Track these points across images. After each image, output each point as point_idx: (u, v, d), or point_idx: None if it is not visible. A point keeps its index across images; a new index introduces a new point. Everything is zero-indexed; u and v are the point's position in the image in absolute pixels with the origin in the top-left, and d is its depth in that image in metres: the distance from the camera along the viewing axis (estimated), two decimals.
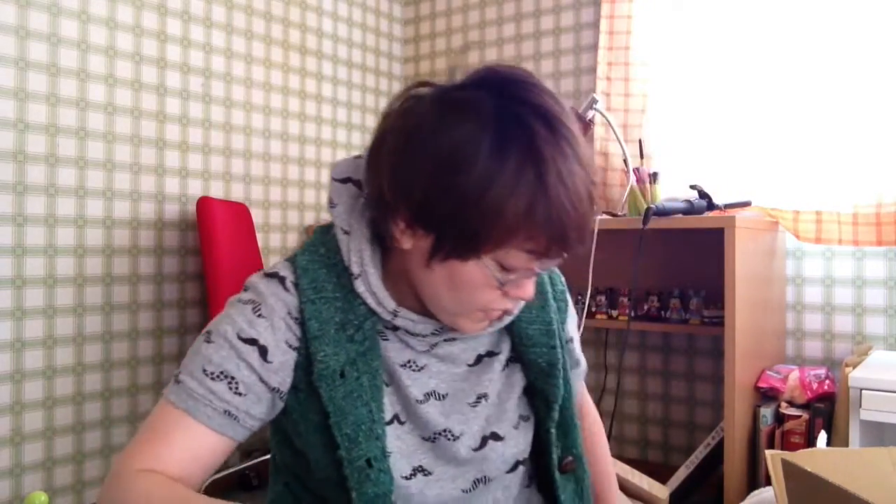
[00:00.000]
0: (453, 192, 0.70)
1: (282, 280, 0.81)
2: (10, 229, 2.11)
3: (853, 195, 2.27)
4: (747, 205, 2.31)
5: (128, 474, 0.74)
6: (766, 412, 2.15)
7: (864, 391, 1.87)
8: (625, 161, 2.43)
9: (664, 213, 2.14)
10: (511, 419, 0.88)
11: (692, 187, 2.22)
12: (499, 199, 0.69)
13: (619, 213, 2.38)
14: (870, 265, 2.32)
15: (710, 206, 2.19)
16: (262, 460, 2.60)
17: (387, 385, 0.82)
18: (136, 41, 2.39)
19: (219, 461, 0.79)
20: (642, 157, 2.47)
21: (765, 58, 2.46)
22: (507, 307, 0.80)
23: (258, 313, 0.79)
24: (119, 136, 2.35)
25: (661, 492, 1.65)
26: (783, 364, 2.34)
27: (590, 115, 2.41)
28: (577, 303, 2.63)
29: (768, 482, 0.92)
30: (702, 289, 2.43)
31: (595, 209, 0.75)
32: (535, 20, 2.99)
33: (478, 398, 0.87)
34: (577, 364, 1.01)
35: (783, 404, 2.19)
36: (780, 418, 2.17)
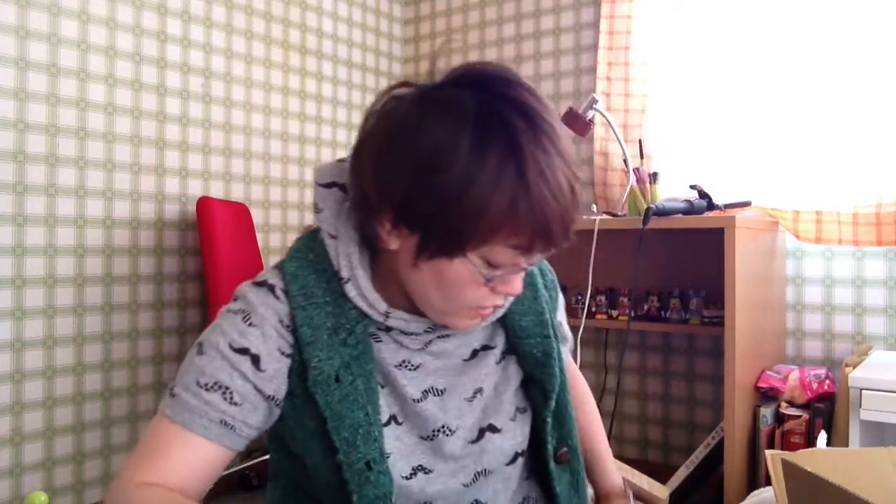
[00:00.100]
0: (435, 192, 0.71)
1: (271, 288, 0.81)
2: (10, 229, 2.11)
3: (853, 195, 2.27)
4: (747, 205, 2.31)
5: (128, 488, 0.74)
6: (766, 412, 2.15)
7: (864, 391, 1.87)
8: (625, 161, 2.43)
9: (664, 213, 2.14)
10: (508, 411, 0.88)
11: (692, 187, 2.23)
12: (481, 196, 0.70)
13: (619, 213, 2.38)
14: (870, 265, 2.32)
15: (710, 206, 2.19)
16: (262, 460, 2.60)
17: (382, 387, 0.83)
18: (136, 41, 2.39)
19: (218, 471, 0.79)
20: (642, 157, 2.47)
21: (765, 58, 2.46)
22: (497, 303, 0.81)
23: (248, 322, 0.79)
24: (119, 136, 2.35)
25: (661, 492, 1.64)
26: (783, 364, 2.34)
27: (590, 115, 2.41)
28: (577, 303, 2.63)
29: (768, 482, 0.92)
30: (702, 289, 2.43)
31: (579, 203, 0.75)
32: (535, 20, 2.99)
33: (474, 392, 0.87)
34: (564, 341, 1.02)
35: (783, 404, 2.19)
36: (780, 418, 2.17)
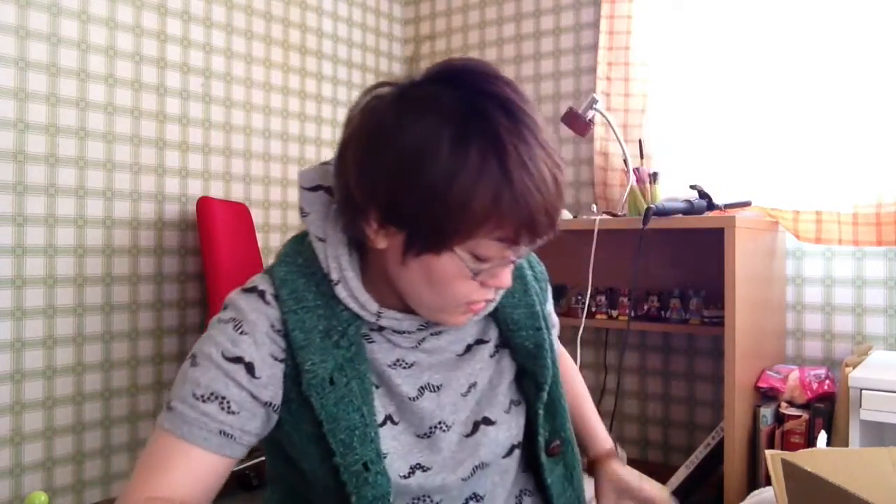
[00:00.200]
0: (419, 189, 0.71)
1: (261, 294, 0.81)
2: (10, 229, 2.11)
3: (853, 195, 2.27)
4: (747, 205, 2.31)
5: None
6: (766, 412, 2.15)
7: (864, 391, 1.87)
8: (625, 161, 2.43)
9: (664, 213, 2.14)
10: (502, 403, 0.89)
11: (692, 187, 2.22)
12: (464, 191, 0.70)
13: (619, 213, 2.38)
14: (870, 265, 2.32)
15: (710, 206, 2.18)
16: (262, 460, 2.60)
17: (377, 387, 0.83)
18: (136, 41, 2.39)
19: (222, 480, 0.80)
20: (642, 157, 2.47)
21: (765, 58, 2.46)
22: (488, 297, 0.81)
23: (240, 331, 0.79)
24: (119, 136, 2.35)
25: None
26: (783, 364, 2.34)
27: (590, 115, 2.41)
28: (577, 303, 2.63)
29: (768, 482, 0.92)
30: (702, 289, 2.43)
31: (563, 194, 0.75)
32: (535, 20, 2.99)
33: (469, 387, 0.88)
34: (553, 326, 1.03)
35: (783, 404, 2.19)
36: (780, 418, 2.17)
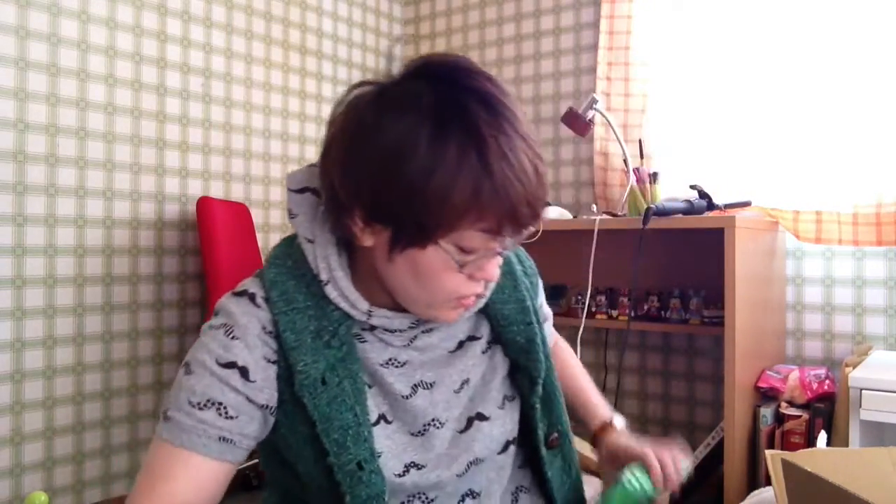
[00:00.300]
0: (399, 185, 0.71)
1: (251, 297, 0.81)
2: (10, 229, 2.11)
3: (853, 195, 2.27)
4: (747, 205, 2.31)
5: None
6: (766, 412, 2.15)
7: (864, 391, 1.87)
8: (625, 161, 2.43)
9: (664, 213, 2.14)
10: (496, 399, 0.89)
11: (692, 187, 2.22)
12: (443, 184, 0.70)
13: (619, 213, 2.38)
14: (870, 265, 2.32)
15: (710, 206, 2.18)
16: None
17: (369, 386, 0.83)
18: (136, 41, 2.39)
19: (224, 486, 0.80)
20: (642, 157, 2.47)
21: (765, 58, 2.45)
22: (477, 291, 0.81)
23: (231, 336, 0.79)
24: (119, 136, 2.35)
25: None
26: (783, 364, 2.34)
27: (590, 115, 2.41)
28: (577, 303, 2.63)
29: (768, 482, 0.92)
30: (702, 289, 2.43)
31: (545, 184, 0.75)
32: (535, 20, 2.99)
33: (462, 383, 0.88)
34: (545, 319, 1.04)
35: (783, 404, 2.19)
36: (780, 418, 2.17)
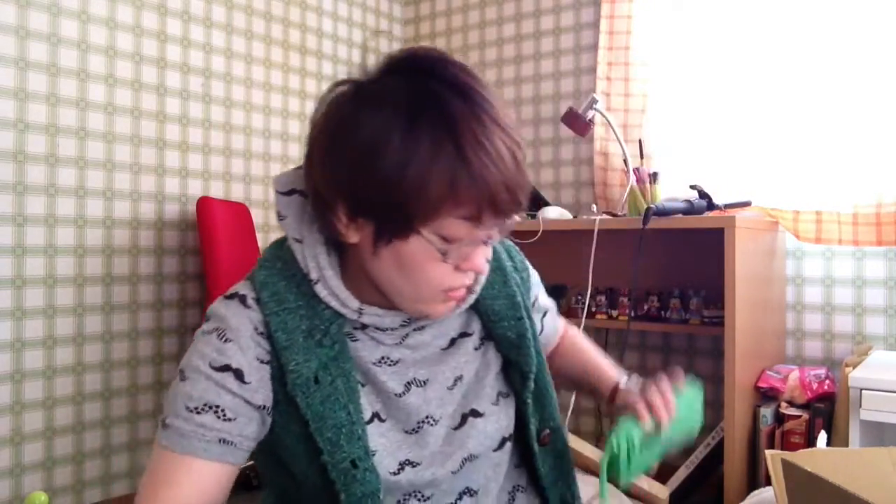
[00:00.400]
0: (376, 178, 0.72)
1: (242, 299, 0.82)
2: (10, 229, 2.11)
3: (853, 195, 2.27)
4: (747, 205, 2.30)
5: None
6: (766, 412, 2.15)
7: (864, 391, 1.87)
8: (625, 161, 2.43)
9: (664, 213, 2.14)
10: (490, 395, 0.89)
11: (692, 187, 2.22)
12: (418, 174, 0.71)
13: (619, 213, 2.38)
14: (870, 265, 2.32)
15: (710, 206, 2.18)
16: None
17: (362, 385, 0.83)
18: (136, 41, 2.39)
19: (227, 489, 0.80)
20: (642, 157, 2.47)
21: (765, 58, 2.45)
22: (465, 283, 0.81)
23: (224, 339, 0.79)
24: (119, 136, 2.35)
25: (661, 492, 1.64)
26: (783, 364, 2.34)
27: (590, 115, 2.41)
28: (577, 303, 2.63)
29: (768, 482, 0.92)
30: (702, 289, 2.43)
31: (524, 170, 0.75)
32: (535, 20, 2.99)
33: (455, 380, 0.88)
34: (542, 310, 1.04)
35: (783, 404, 2.19)
36: (780, 418, 2.17)
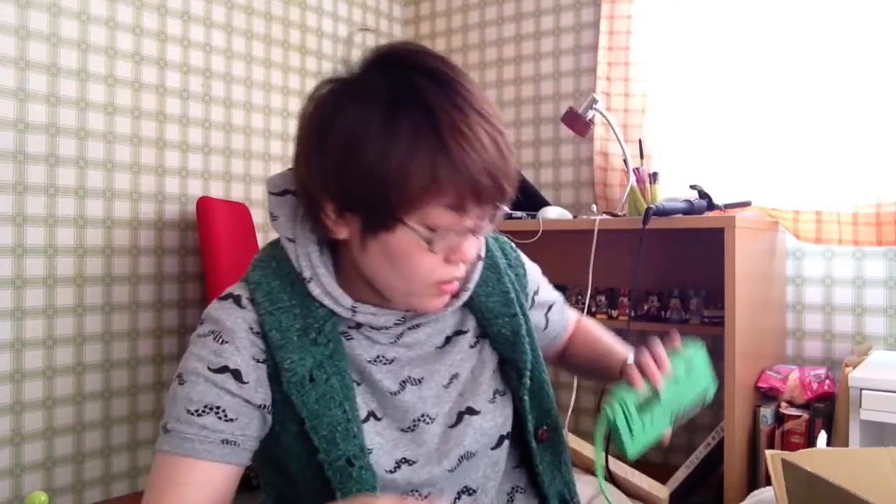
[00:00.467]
0: (358, 171, 0.73)
1: (236, 299, 0.82)
2: (10, 229, 2.11)
3: (853, 195, 2.27)
4: (747, 205, 2.30)
5: None
6: (766, 412, 2.15)
7: (864, 391, 1.87)
8: (625, 161, 2.43)
9: (664, 213, 2.14)
10: (486, 393, 0.89)
11: (692, 187, 2.22)
12: (399, 167, 0.71)
13: (619, 213, 2.38)
14: (870, 265, 2.32)
15: (710, 206, 2.18)
16: None
17: (358, 384, 0.83)
18: (136, 41, 2.39)
19: (232, 490, 0.80)
20: (642, 157, 2.47)
21: (764, 58, 2.45)
22: (455, 274, 0.80)
23: (220, 340, 0.79)
24: (119, 136, 2.35)
25: (661, 492, 1.64)
26: (783, 364, 2.34)
27: (590, 115, 2.41)
28: (577, 303, 2.63)
29: (768, 482, 0.92)
30: (702, 289, 2.43)
31: (509, 157, 0.75)
32: (535, 20, 2.99)
33: (451, 378, 0.88)
34: (544, 306, 1.04)
35: (783, 404, 2.19)
36: (780, 418, 2.17)
